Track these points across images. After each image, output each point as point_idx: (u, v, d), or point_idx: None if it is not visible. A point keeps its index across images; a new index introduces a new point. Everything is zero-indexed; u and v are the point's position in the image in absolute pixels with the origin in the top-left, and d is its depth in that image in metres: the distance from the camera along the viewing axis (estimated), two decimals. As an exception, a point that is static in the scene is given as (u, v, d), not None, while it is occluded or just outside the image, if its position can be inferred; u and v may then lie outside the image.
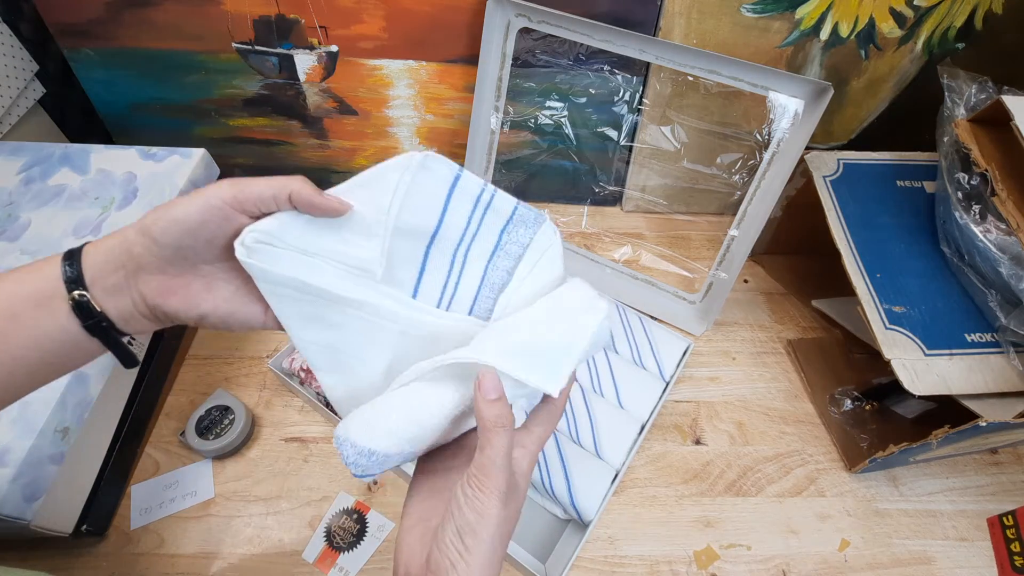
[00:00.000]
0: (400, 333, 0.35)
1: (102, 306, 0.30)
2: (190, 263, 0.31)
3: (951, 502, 0.58)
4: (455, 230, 0.35)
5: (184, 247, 0.30)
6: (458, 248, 0.36)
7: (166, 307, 0.30)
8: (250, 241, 0.30)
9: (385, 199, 0.33)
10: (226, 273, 0.32)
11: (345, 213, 0.32)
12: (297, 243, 0.31)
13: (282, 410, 0.62)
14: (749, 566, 0.54)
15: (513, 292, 0.37)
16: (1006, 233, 0.52)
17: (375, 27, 0.67)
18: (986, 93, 0.56)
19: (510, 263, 0.37)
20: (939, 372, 0.52)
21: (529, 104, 0.74)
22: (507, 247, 0.36)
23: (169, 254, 0.29)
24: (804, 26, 0.64)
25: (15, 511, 0.44)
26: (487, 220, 0.35)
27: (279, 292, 0.31)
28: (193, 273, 0.31)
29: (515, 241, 0.36)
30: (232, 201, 0.29)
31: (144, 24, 0.67)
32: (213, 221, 0.29)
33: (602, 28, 0.61)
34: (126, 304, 0.30)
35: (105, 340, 0.31)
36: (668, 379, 0.62)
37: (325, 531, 0.54)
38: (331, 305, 0.33)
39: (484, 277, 0.37)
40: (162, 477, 0.57)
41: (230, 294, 0.32)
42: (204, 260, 0.31)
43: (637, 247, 0.79)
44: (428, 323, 0.35)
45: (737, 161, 0.72)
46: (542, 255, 0.37)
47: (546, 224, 0.36)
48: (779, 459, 0.61)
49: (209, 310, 0.31)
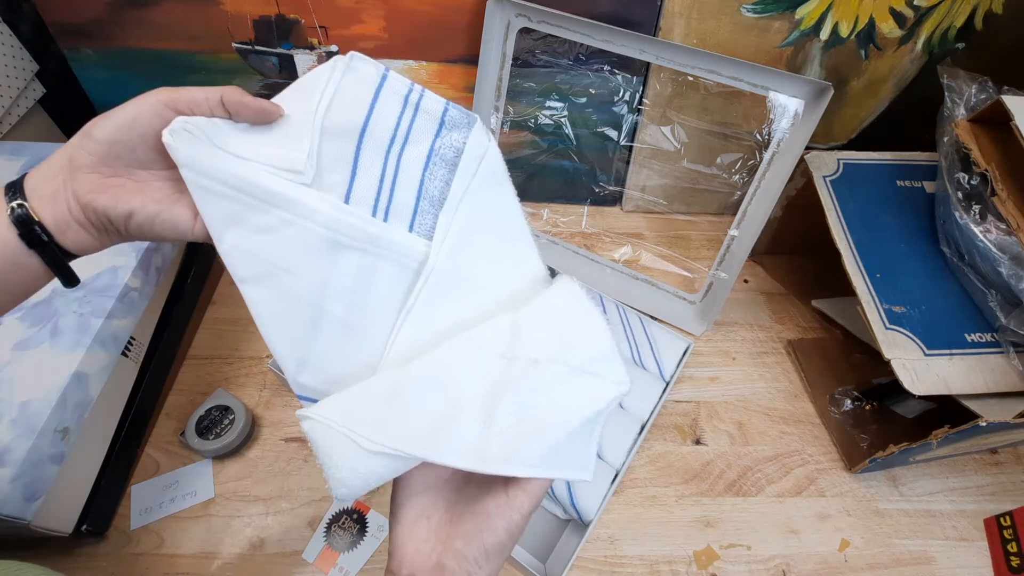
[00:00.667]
0: (332, 243, 0.33)
1: (40, 216, 0.30)
2: (124, 164, 0.31)
3: (951, 502, 0.58)
4: (385, 129, 0.35)
5: (118, 141, 0.30)
6: (390, 149, 0.35)
7: (96, 203, 0.30)
8: (178, 126, 0.30)
9: (313, 101, 0.33)
10: (161, 181, 0.32)
11: (276, 118, 0.32)
12: (226, 146, 0.31)
13: (282, 410, 0.62)
14: (749, 566, 0.54)
15: (453, 209, 0.36)
16: (1006, 233, 0.52)
17: (375, 27, 0.67)
18: (986, 93, 0.56)
19: (446, 172, 0.36)
20: (939, 372, 0.52)
21: (529, 104, 0.74)
22: (442, 151, 0.36)
23: (103, 149, 0.30)
24: (804, 26, 0.64)
25: (15, 511, 0.44)
26: (418, 122, 0.35)
27: (204, 184, 0.31)
28: (128, 176, 0.32)
29: (449, 145, 0.36)
30: (167, 100, 0.30)
31: (144, 24, 0.67)
32: (146, 117, 0.30)
33: (602, 28, 0.61)
34: (61, 209, 0.30)
35: (42, 253, 0.31)
36: (668, 379, 0.62)
37: (325, 531, 0.54)
38: (258, 205, 0.32)
39: (422, 187, 0.36)
40: (162, 477, 0.57)
41: (161, 196, 0.32)
42: (140, 163, 0.32)
43: (637, 247, 0.79)
44: (365, 231, 0.34)
45: (737, 161, 0.72)
46: (479, 164, 0.36)
47: (477, 125, 0.36)
48: (779, 459, 0.61)
49: (137, 207, 0.31)
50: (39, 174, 0.31)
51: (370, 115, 0.34)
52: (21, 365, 0.49)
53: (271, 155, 0.32)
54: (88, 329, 0.51)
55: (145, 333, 0.59)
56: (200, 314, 0.69)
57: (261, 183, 0.31)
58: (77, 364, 0.49)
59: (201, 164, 0.30)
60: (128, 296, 0.56)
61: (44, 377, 0.48)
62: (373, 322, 0.35)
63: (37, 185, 0.31)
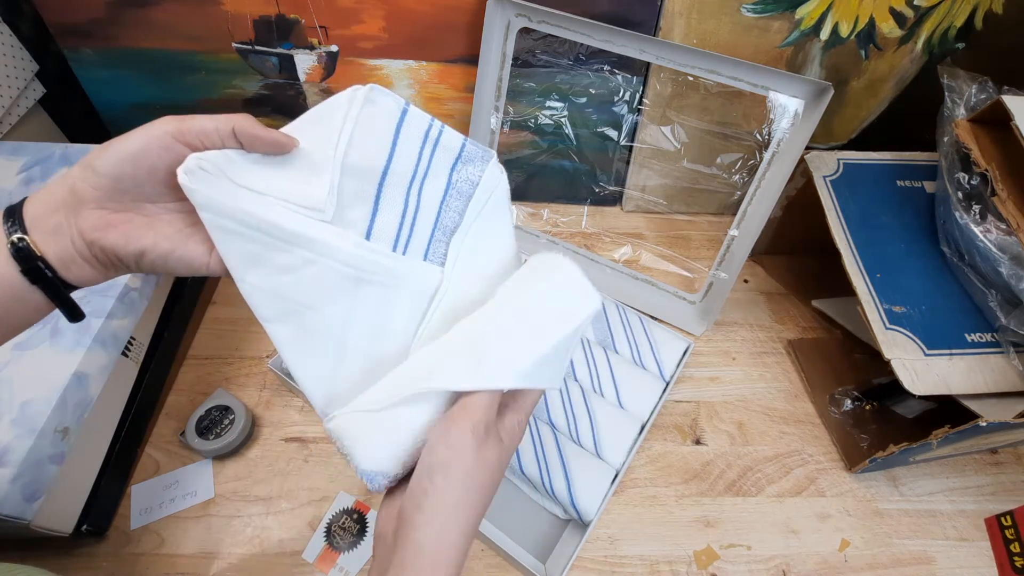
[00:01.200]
0: (355, 280, 0.33)
1: (42, 250, 0.28)
2: (132, 198, 0.30)
3: (951, 502, 0.58)
4: (406, 166, 0.34)
5: (124, 176, 0.29)
6: (411, 186, 0.35)
7: (103, 241, 0.29)
8: (192, 165, 0.29)
9: (332, 135, 0.32)
10: (171, 215, 0.31)
11: (291, 149, 0.31)
12: (243, 181, 0.30)
13: (282, 410, 0.62)
14: (749, 566, 0.54)
15: (463, 236, 0.36)
16: (1006, 233, 0.52)
17: (375, 27, 0.67)
18: (986, 93, 0.56)
19: (462, 203, 0.36)
20: (939, 372, 0.52)
21: (529, 104, 0.74)
22: (459, 185, 0.36)
23: (108, 184, 0.28)
24: (804, 26, 0.64)
25: (15, 511, 0.44)
26: (437, 157, 0.35)
27: (223, 225, 0.30)
28: (136, 211, 0.30)
29: (465, 179, 0.36)
30: (175, 132, 0.29)
31: (144, 24, 0.67)
32: (154, 150, 0.28)
33: (602, 28, 0.61)
34: (65, 244, 0.29)
35: (45, 288, 0.29)
36: (668, 379, 0.62)
37: (325, 531, 0.54)
38: (279, 245, 0.31)
39: (438, 219, 0.36)
40: (162, 477, 0.57)
41: (173, 232, 0.31)
42: (147, 196, 0.30)
43: (637, 247, 0.79)
44: (385, 266, 0.34)
45: (737, 161, 0.72)
46: (490, 196, 0.37)
47: (493, 161, 0.36)
48: (779, 459, 0.61)
49: (148, 245, 0.30)
50: (40, 204, 0.29)
51: (392, 153, 0.34)
52: (21, 365, 0.49)
53: (290, 191, 0.31)
54: (88, 329, 0.51)
55: (145, 333, 0.59)
56: (200, 314, 0.69)
57: (282, 223, 0.31)
58: (77, 364, 0.49)
59: (220, 205, 0.29)
60: (128, 296, 0.56)
61: (44, 377, 0.48)
62: (395, 350, 0.35)
63: (38, 216, 0.29)
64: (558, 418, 0.57)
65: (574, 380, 0.61)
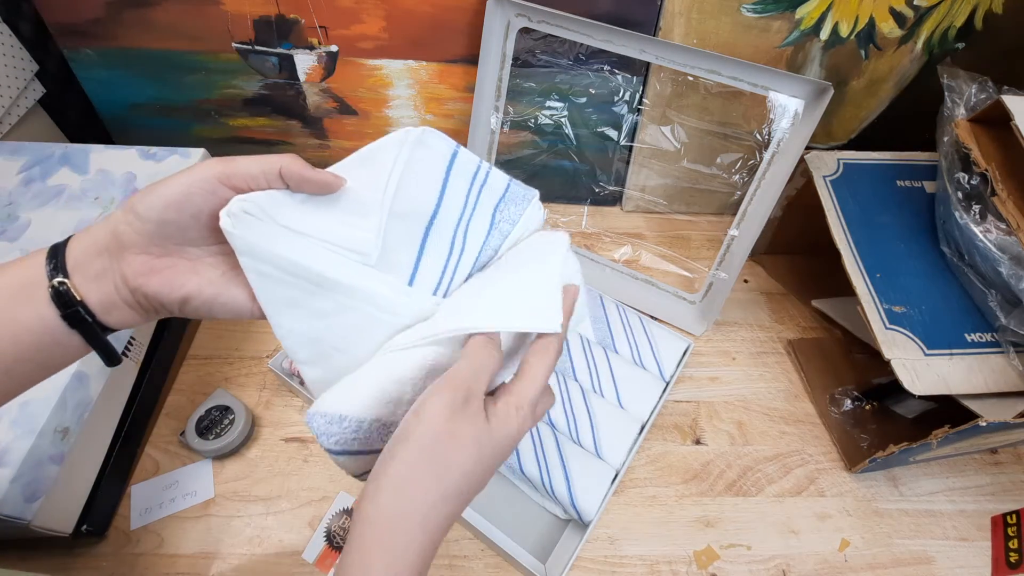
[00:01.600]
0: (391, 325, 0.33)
1: (83, 294, 0.28)
2: (175, 243, 0.29)
3: (951, 502, 0.58)
4: (454, 210, 0.34)
5: (168, 221, 0.28)
6: (456, 229, 0.34)
7: (147, 288, 0.29)
8: (236, 208, 0.28)
9: (382, 177, 0.31)
10: (214, 258, 0.31)
11: (338, 189, 0.30)
12: (287, 222, 0.29)
13: (282, 410, 0.62)
14: (749, 566, 0.54)
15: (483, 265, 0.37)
16: (1006, 233, 0.52)
17: (375, 27, 0.67)
18: (986, 93, 0.56)
19: (499, 242, 0.36)
20: (939, 372, 0.52)
21: (529, 104, 0.74)
22: (500, 225, 0.36)
23: (152, 229, 0.28)
24: (804, 26, 0.64)
25: (15, 511, 0.44)
26: (483, 198, 0.35)
27: (262, 270, 0.29)
28: (179, 255, 0.30)
29: (507, 219, 0.36)
30: (220, 175, 0.28)
31: (144, 24, 0.67)
32: (198, 195, 0.28)
33: (602, 28, 0.61)
34: (108, 290, 0.29)
35: (84, 332, 0.29)
36: (668, 379, 0.62)
37: (325, 531, 0.54)
38: (319, 291, 0.31)
39: (478, 259, 0.36)
40: (162, 477, 0.57)
41: (216, 277, 0.31)
42: (191, 241, 0.30)
43: (637, 247, 0.79)
44: (424, 310, 0.34)
45: (737, 161, 0.72)
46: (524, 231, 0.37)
47: (535, 201, 0.36)
48: (779, 459, 0.61)
49: (193, 291, 0.30)
50: (81, 247, 0.29)
51: (442, 196, 0.33)
52: (21, 365, 0.49)
53: (335, 232, 0.31)
54: (88, 329, 0.51)
55: (145, 333, 0.59)
56: (200, 314, 0.69)
57: (322, 271, 0.30)
58: (77, 364, 0.49)
59: (260, 250, 0.29)
60: (128, 296, 0.56)
61: (44, 377, 0.48)
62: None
63: (81, 260, 0.28)
64: (558, 418, 0.57)
65: (574, 380, 0.61)
